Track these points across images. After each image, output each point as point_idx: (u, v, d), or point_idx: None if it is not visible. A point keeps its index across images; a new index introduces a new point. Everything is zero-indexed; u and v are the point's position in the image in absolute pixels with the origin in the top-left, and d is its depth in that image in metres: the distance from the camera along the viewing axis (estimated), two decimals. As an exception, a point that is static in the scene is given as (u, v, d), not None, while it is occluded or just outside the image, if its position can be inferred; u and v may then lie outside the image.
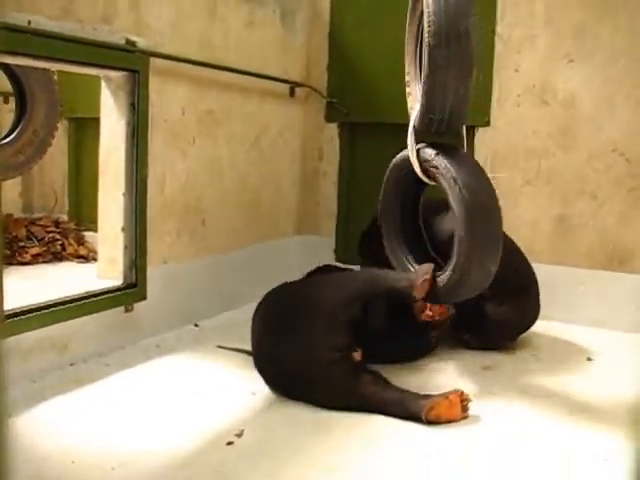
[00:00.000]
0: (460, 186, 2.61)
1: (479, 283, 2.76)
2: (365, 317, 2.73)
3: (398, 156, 3.04)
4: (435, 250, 3.18)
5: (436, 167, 2.73)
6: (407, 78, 3.03)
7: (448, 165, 2.67)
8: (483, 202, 2.68)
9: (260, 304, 2.89)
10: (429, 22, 2.53)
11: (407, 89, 3.03)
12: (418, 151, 2.83)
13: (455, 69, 2.61)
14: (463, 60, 2.62)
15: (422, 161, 2.82)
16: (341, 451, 2.25)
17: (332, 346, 2.57)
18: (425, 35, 2.56)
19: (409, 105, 2.99)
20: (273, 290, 2.94)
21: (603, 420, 2.58)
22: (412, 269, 3.03)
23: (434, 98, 2.65)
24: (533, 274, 3.48)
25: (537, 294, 3.46)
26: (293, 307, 2.74)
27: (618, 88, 3.77)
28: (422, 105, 2.70)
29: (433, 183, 2.88)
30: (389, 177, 3.13)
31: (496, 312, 3.31)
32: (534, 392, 2.86)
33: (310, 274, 3.37)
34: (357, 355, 2.63)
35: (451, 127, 2.80)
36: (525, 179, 4.02)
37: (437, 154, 2.73)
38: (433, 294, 2.74)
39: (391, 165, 3.10)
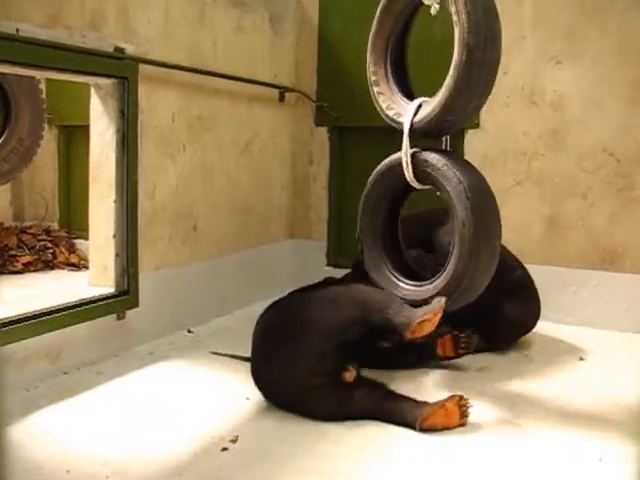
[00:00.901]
0: (465, 188, 2.63)
1: (481, 283, 2.75)
2: (364, 337, 2.62)
3: (381, 166, 3.01)
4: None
5: (438, 169, 2.70)
6: (374, 77, 2.97)
7: (453, 169, 2.67)
8: (486, 204, 2.72)
9: (260, 317, 2.81)
10: (469, 22, 2.49)
11: (375, 89, 2.96)
12: (413, 155, 2.78)
13: (486, 72, 2.59)
14: (493, 64, 2.62)
15: (418, 165, 2.78)
16: (336, 456, 2.25)
17: (319, 372, 2.51)
18: (462, 35, 2.52)
19: (384, 105, 2.93)
20: (274, 304, 2.85)
21: (596, 420, 2.59)
22: (398, 283, 2.93)
23: (460, 100, 2.61)
24: (529, 274, 3.54)
25: (537, 292, 3.50)
26: (289, 327, 2.66)
27: (606, 89, 3.79)
28: (443, 105, 2.63)
29: (422, 187, 2.87)
30: (373, 186, 3.05)
31: (512, 312, 3.35)
32: (527, 393, 2.86)
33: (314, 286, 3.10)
34: (349, 375, 2.54)
35: (454, 128, 2.81)
36: (515, 180, 4.03)
37: (444, 159, 2.71)
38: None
39: (376, 174, 3.03)
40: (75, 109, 4.49)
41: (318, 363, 2.51)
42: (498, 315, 3.34)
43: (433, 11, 2.70)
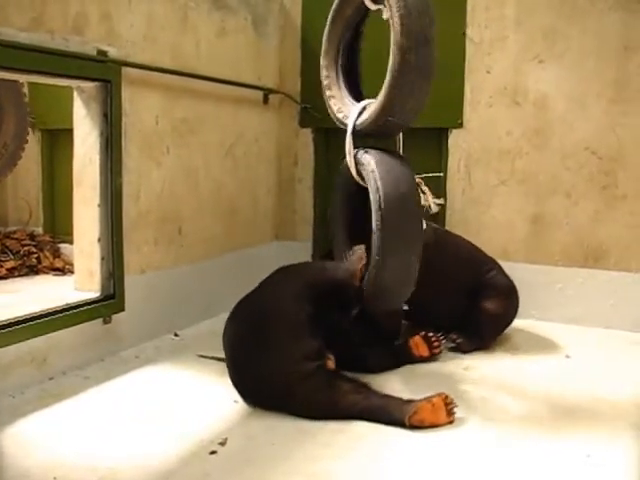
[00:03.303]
0: (377, 179, 2.66)
1: (399, 280, 2.78)
2: (324, 317, 2.71)
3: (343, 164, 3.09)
4: None
5: (362, 164, 2.79)
6: (326, 81, 3.08)
7: (371, 160, 2.73)
8: (398, 195, 2.69)
9: (226, 324, 2.86)
10: (402, 25, 2.54)
11: (327, 92, 3.07)
12: (356, 154, 2.89)
13: (420, 73, 2.63)
14: (428, 65, 2.65)
15: (357, 163, 2.88)
16: (325, 457, 2.25)
17: (305, 355, 2.54)
18: (397, 37, 2.57)
19: (334, 108, 3.02)
20: (234, 308, 2.90)
21: (583, 417, 2.61)
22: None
23: (397, 100, 2.66)
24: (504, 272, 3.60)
25: (515, 289, 3.55)
26: (255, 321, 2.71)
27: (588, 88, 3.81)
28: (382, 106, 2.69)
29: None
30: (337, 184, 3.22)
31: (492, 307, 3.41)
32: (514, 391, 2.88)
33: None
34: (331, 362, 2.62)
35: (399, 129, 2.88)
36: (499, 179, 4.05)
37: (365, 152, 2.80)
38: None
39: (338, 173, 3.18)
40: (58, 113, 4.47)
41: (299, 345, 2.57)
42: (481, 314, 3.39)
43: (385, 15, 2.73)
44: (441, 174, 4.01)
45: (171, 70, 3.49)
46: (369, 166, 2.73)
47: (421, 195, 3.14)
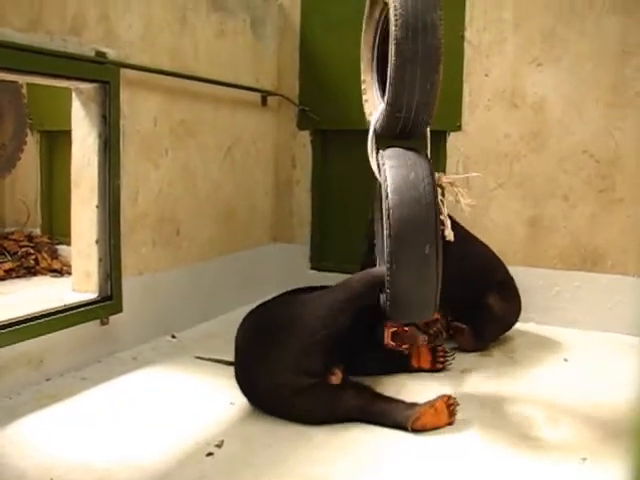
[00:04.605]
0: (386, 187, 2.41)
1: (415, 291, 2.44)
2: (352, 327, 2.60)
3: None
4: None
5: (379, 165, 2.56)
6: (363, 86, 3.02)
7: (384, 164, 2.49)
8: (407, 206, 2.40)
9: (240, 325, 2.78)
10: (395, 15, 2.45)
11: (364, 96, 3.00)
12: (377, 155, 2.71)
13: (422, 63, 2.46)
14: (430, 54, 2.47)
15: (379, 165, 2.64)
16: (321, 460, 2.25)
17: (306, 371, 2.48)
18: (392, 29, 2.48)
19: (367, 112, 2.97)
20: (252, 310, 2.82)
21: (580, 420, 2.61)
22: None
23: (401, 94, 2.49)
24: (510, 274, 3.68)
25: (518, 291, 3.62)
26: (271, 328, 2.62)
27: (586, 91, 3.82)
28: (388, 103, 2.52)
29: None
30: (378, 193, 3.06)
31: (498, 307, 3.45)
32: (511, 394, 2.88)
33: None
34: (335, 378, 2.57)
35: (417, 127, 2.62)
36: (497, 182, 4.06)
37: (381, 152, 2.59)
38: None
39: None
40: (57, 114, 4.47)
41: (303, 361, 2.48)
42: (486, 311, 3.43)
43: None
44: (476, 174, 3.84)
45: (169, 72, 3.49)
46: (382, 165, 2.50)
47: (458, 196, 2.95)
